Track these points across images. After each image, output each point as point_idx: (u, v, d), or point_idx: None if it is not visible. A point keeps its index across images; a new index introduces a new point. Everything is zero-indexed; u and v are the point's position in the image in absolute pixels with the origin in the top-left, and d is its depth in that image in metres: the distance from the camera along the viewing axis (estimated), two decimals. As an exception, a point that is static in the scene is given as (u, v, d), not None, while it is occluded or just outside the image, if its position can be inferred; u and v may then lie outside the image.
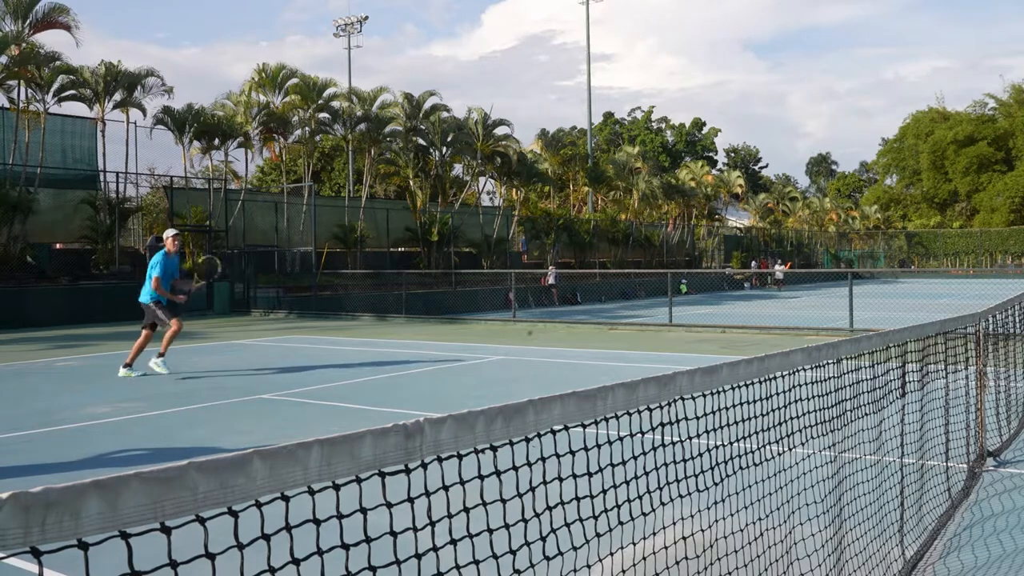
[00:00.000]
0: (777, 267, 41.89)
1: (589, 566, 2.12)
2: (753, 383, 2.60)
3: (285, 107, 32.52)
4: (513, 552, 1.68)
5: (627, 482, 2.13)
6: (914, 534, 4.29)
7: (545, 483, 1.84)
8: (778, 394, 2.90)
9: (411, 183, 35.83)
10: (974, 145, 65.03)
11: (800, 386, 3.05)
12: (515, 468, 1.72)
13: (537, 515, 1.80)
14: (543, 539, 1.78)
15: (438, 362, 12.11)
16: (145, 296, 11.40)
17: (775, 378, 2.79)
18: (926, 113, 72.37)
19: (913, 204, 72.58)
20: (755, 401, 2.72)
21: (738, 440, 2.67)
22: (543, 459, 1.83)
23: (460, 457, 1.53)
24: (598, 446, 2.01)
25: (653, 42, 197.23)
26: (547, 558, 1.80)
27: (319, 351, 14.86)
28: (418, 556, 1.52)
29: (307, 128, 33.09)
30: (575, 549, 1.95)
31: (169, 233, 11.59)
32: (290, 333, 18.47)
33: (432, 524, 1.53)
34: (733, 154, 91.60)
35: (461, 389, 10.08)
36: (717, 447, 2.57)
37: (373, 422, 2.36)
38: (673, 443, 2.37)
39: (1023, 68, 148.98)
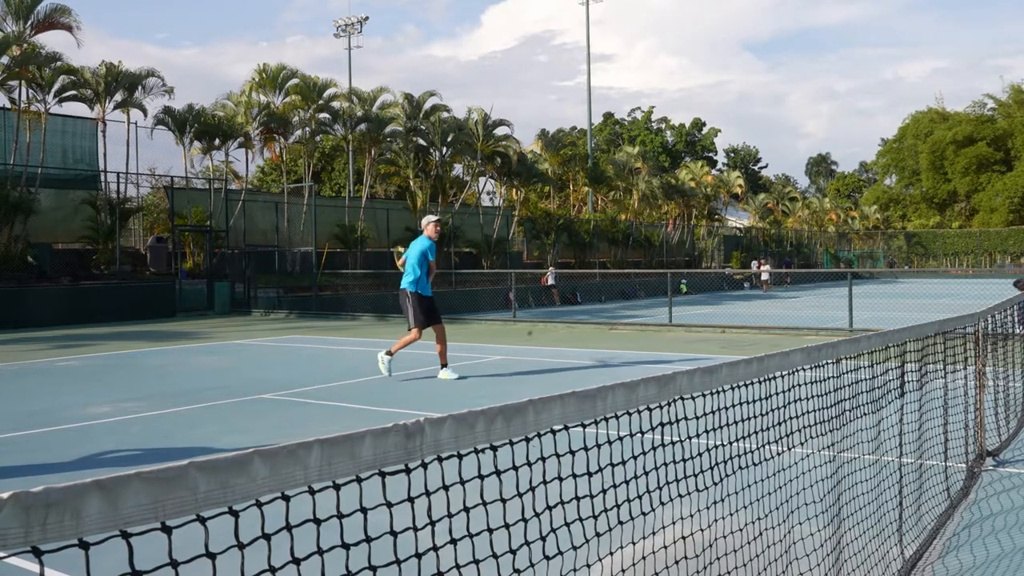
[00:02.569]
0: (763, 267, 41.65)
1: (589, 566, 2.13)
2: (753, 383, 2.61)
3: (285, 107, 32.54)
4: (513, 552, 1.68)
5: (627, 482, 2.13)
6: (913, 533, 4.29)
7: (545, 483, 1.85)
8: (777, 394, 2.91)
9: (411, 183, 35.84)
10: (973, 145, 64.99)
11: (799, 386, 3.05)
12: (515, 468, 1.73)
13: (537, 515, 1.80)
14: (543, 539, 1.78)
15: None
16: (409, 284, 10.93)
17: (775, 378, 2.80)
18: (925, 113, 72.32)
19: (912, 204, 72.55)
20: (754, 401, 2.72)
21: (737, 440, 2.67)
22: (543, 459, 1.84)
23: (460, 457, 1.53)
24: (598, 446, 2.01)
25: (653, 42, 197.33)
26: (547, 558, 1.80)
27: (319, 351, 14.86)
28: (418, 556, 1.53)
29: (307, 128, 33.10)
30: (575, 549, 1.95)
31: (429, 219, 10.80)
32: (290, 333, 18.47)
33: (432, 524, 1.54)
34: (733, 154, 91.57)
35: (461, 389, 10.08)
36: (717, 447, 2.58)
37: (373, 422, 2.37)
38: (673, 443, 2.37)
39: (1023, 68, 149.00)
